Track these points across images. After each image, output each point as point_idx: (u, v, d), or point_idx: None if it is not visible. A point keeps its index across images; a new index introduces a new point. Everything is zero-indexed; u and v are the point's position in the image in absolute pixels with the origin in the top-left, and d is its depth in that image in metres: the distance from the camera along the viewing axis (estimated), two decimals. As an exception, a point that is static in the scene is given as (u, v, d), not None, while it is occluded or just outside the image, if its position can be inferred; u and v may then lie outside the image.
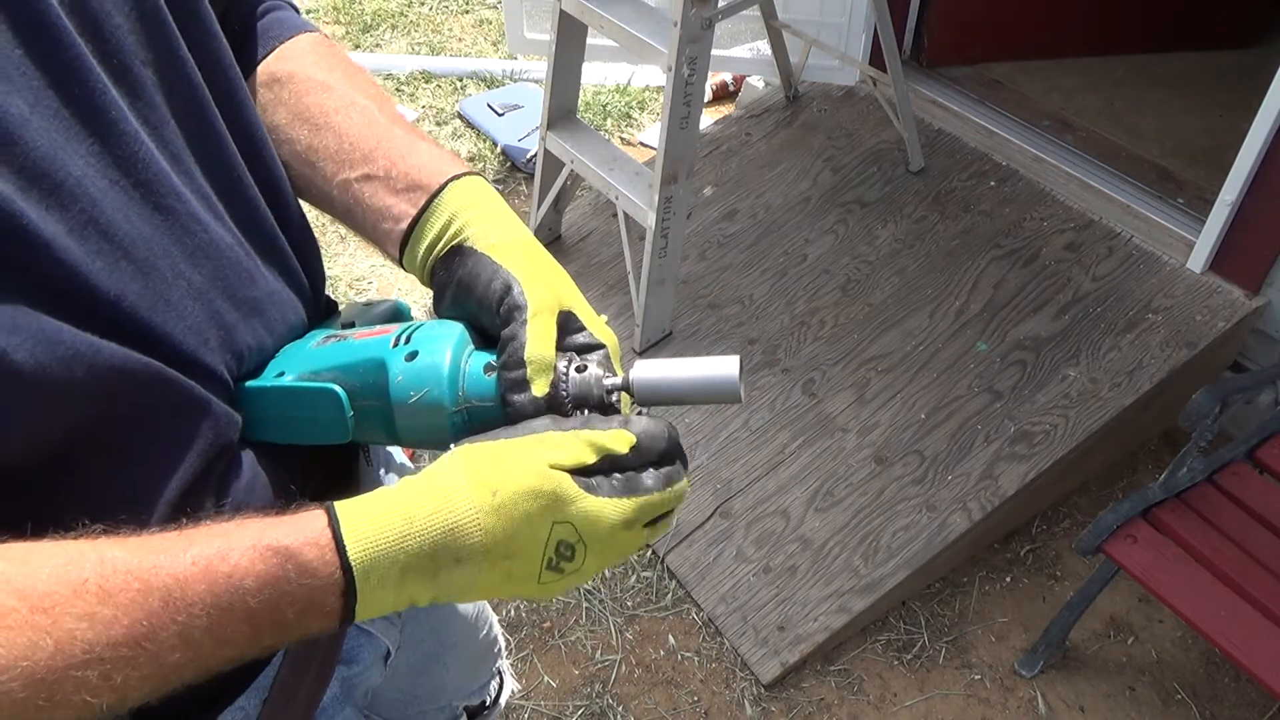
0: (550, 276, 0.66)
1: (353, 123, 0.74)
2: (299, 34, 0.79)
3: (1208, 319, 2.16)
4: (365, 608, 0.55)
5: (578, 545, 0.58)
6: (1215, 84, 2.93)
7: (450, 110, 3.55)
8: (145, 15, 0.59)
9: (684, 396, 0.63)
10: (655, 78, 3.65)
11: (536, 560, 0.57)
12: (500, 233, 0.67)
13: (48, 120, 0.52)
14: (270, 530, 0.54)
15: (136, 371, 0.56)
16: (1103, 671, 1.93)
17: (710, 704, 1.88)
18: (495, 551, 0.56)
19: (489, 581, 0.58)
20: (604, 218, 2.68)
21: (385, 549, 0.55)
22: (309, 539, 0.54)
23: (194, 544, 0.53)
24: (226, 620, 0.52)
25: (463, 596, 0.59)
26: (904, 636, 1.98)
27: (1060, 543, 2.15)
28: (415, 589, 0.56)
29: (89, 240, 0.53)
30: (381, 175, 0.71)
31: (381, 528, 0.55)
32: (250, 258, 0.66)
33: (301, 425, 0.65)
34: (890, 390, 2.18)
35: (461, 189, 0.70)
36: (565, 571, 0.58)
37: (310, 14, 4.13)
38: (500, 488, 0.56)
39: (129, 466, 0.58)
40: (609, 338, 0.67)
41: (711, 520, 2.05)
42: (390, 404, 0.62)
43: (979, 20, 2.85)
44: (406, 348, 0.63)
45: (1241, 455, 1.77)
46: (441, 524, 0.55)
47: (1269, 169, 2.03)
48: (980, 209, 2.51)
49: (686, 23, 1.92)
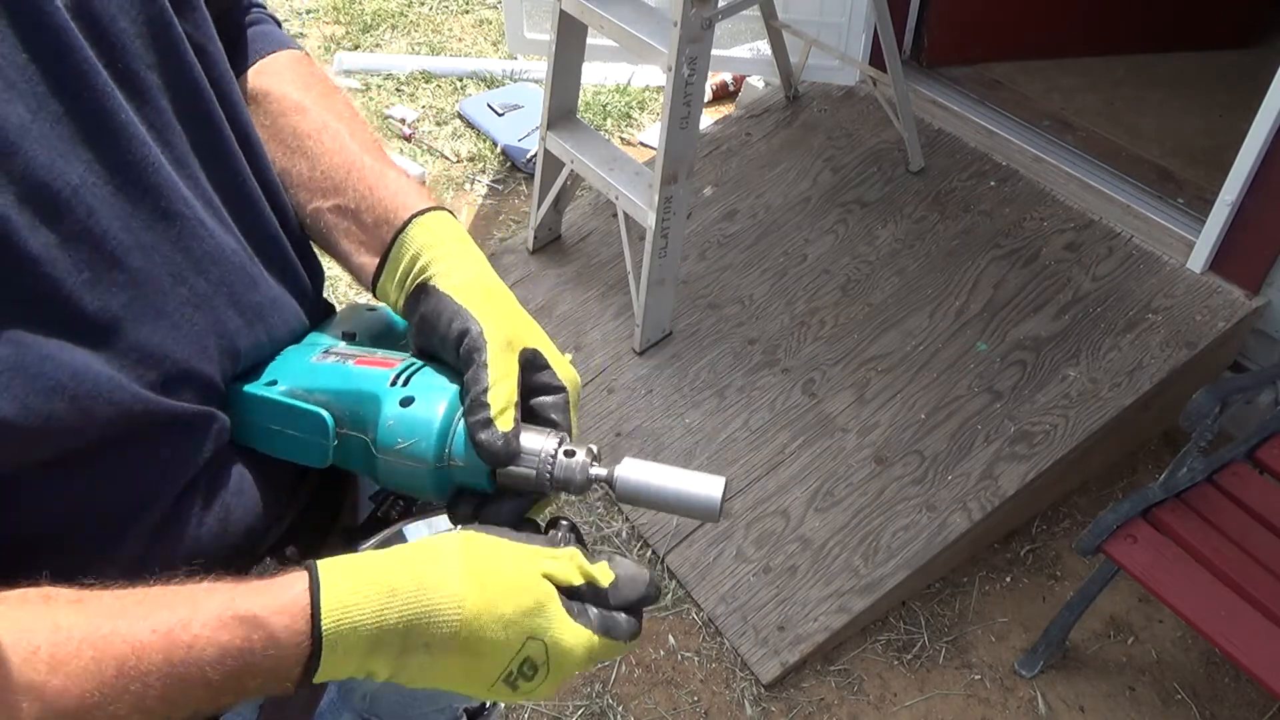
0: (510, 317, 0.65)
1: (325, 149, 0.74)
2: (280, 50, 0.79)
3: (1208, 319, 2.16)
4: (324, 675, 0.54)
5: (542, 668, 0.57)
6: (1215, 84, 2.93)
7: (450, 110, 3.55)
8: (151, 19, 0.59)
9: (661, 505, 0.63)
10: (655, 78, 3.65)
11: (499, 669, 0.56)
12: (462, 273, 0.67)
13: (49, 127, 0.52)
14: (242, 598, 0.52)
15: (123, 401, 0.55)
16: (1103, 671, 1.93)
17: (710, 704, 1.88)
18: (466, 647, 0.55)
19: (446, 674, 0.56)
20: (604, 218, 2.68)
21: (359, 621, 0.53)
22: (282, 606, 0.52)
23: (156, 610, 0.51)
24: (183, 689, 0.51)
25: (416, 681, 0.57)
26: (904, 636, 1.98)
27: (1060, 543, 2.15)
28: (377, 664, 0.55)
29: (80, 252, 0.52)
30: (352, 208, 0.72)
31: (361, 598, 0.53)
32: (253, 262, 0.66)
33: (283, 440, 0.65)
34: (890, 390, 2.18)
35: (426, 225, 0.69)
36: (519, 690, 0.57)
37: (310, 14, 4.12)
38: (490, 584, 0.55)
39: (114, 481, 0.57)
40: (570, 378, 0.67)
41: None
42: (376, 443, 0.62)
43: (979, 20, 2.85)
44: (404, 391, 0.62)
45: (1241, 455, 1.77)
46: (423, 605, 0.54)
47: (1269, 169, 2.03)
48: (980, 209, 2.51)
49: (686, 23, 1.92)
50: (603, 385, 2.30)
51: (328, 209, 0.72)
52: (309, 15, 4.12)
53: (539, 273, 2.59)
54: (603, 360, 2.34)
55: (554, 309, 2.49)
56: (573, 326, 2.44)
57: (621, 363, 2.34)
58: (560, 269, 2.58)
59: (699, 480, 0.62)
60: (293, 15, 4.11)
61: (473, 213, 3.13)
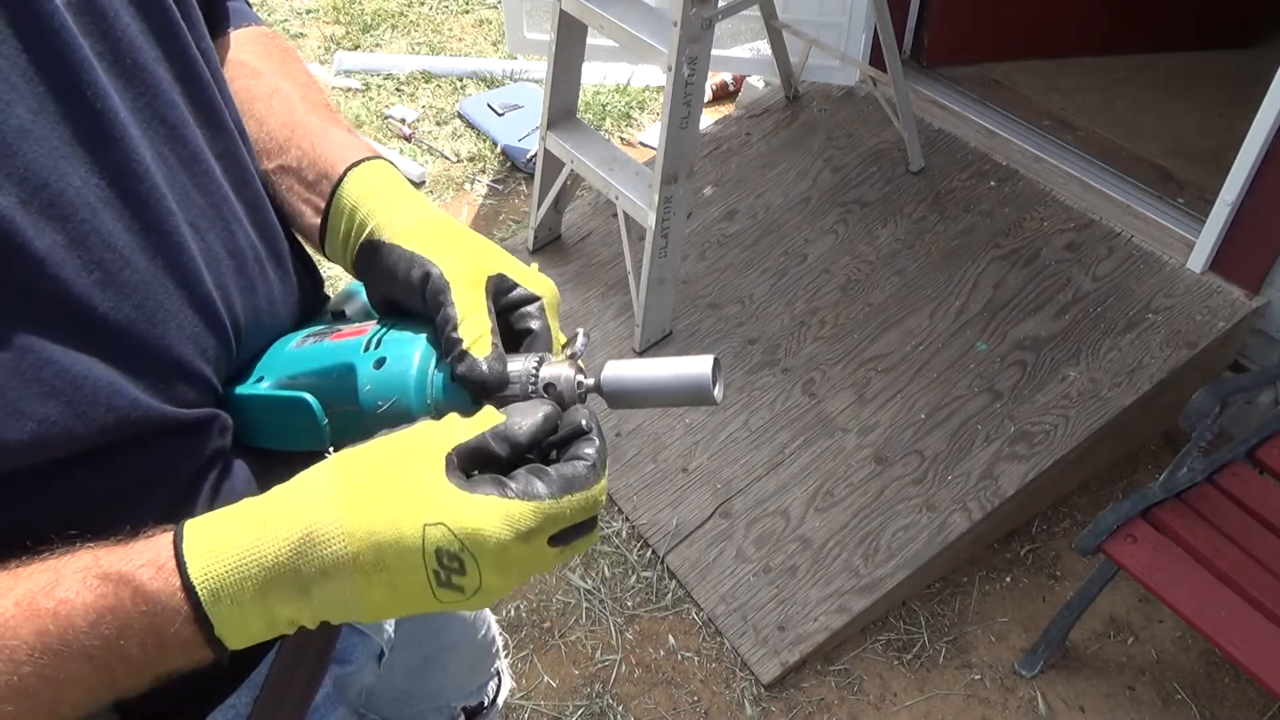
0: (465, 248, 0.63)
1: (273, 110, 0.73)
2: (247, 25, 0.79)
3: (1208, 319, 2.16)
4: (228, 632, 0.50)
5: (464, 556, 0.49)
6: (1215, 84, 2.93)
7: (450, 110, 3.55)
8: (150, 13, 0.58)
9: (656, 397, 0.60)
10: (655, 78, 3.65)
11: (419, 572, 0.50)
12: (405, 218, 0.65)
13: (50, 129, 0.51)
14: (105, 558, 0.49)
15: (121, 407, 0.54)
16: (1103, 671, 1.93)
17: (710, 704, 1.88)
18: (364, 561, 0.49)
19: (373, 599, 0.51)
20: (604, 218, 2.68)
21: (234, 563, 0.49)
22: (147, 560, 0.49)
23: (19, 582, 0.48)
24: (60, 663, 0.47)
25: (353, 615, 0.52)
26: (904, 636, 1.98)
27: (1060, 543, 2.15)
28: (286, 608, 0.50)
29: (87, 253, 0.52)
30: (294, 166, 0.70)
31: (228, 540, 0.50)
32: (259, 260, 0.65)
33: (281, 432, 0.64)
34: (890, 390, 2.18)
35: (360, 176, 0.68)
36: (464, 590, 0.50)
37: (310, 14, 4.12)
38: (367, 482, 0.51)
39: (113, 481, 0.57)
40: (545, 287, 0.65)
41: (711, 520, 2.05)
42: (361, 411, 0.61)
43: (979, 20, 2.85)
44: (376, 353, 0.61)
45: (1241, 455, 1.77)
46: (300, 530, 0.49)
47: (1269, 169, 2.03)
48: (980, 209, 2.51)
49: (686, 23, 1.92)
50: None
51: (272, 169, 0.71)
52: (309, 15, 4.12)
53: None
54: (603, 360, 2.34)
55: (554, 309, 2.49)
56: (573, 326, 2.41)
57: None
58: (560, 269, 2.58)
59: (686, 363, 0.58)
60: (293, 15, 4.11)
61: (473, 213, 3.13)
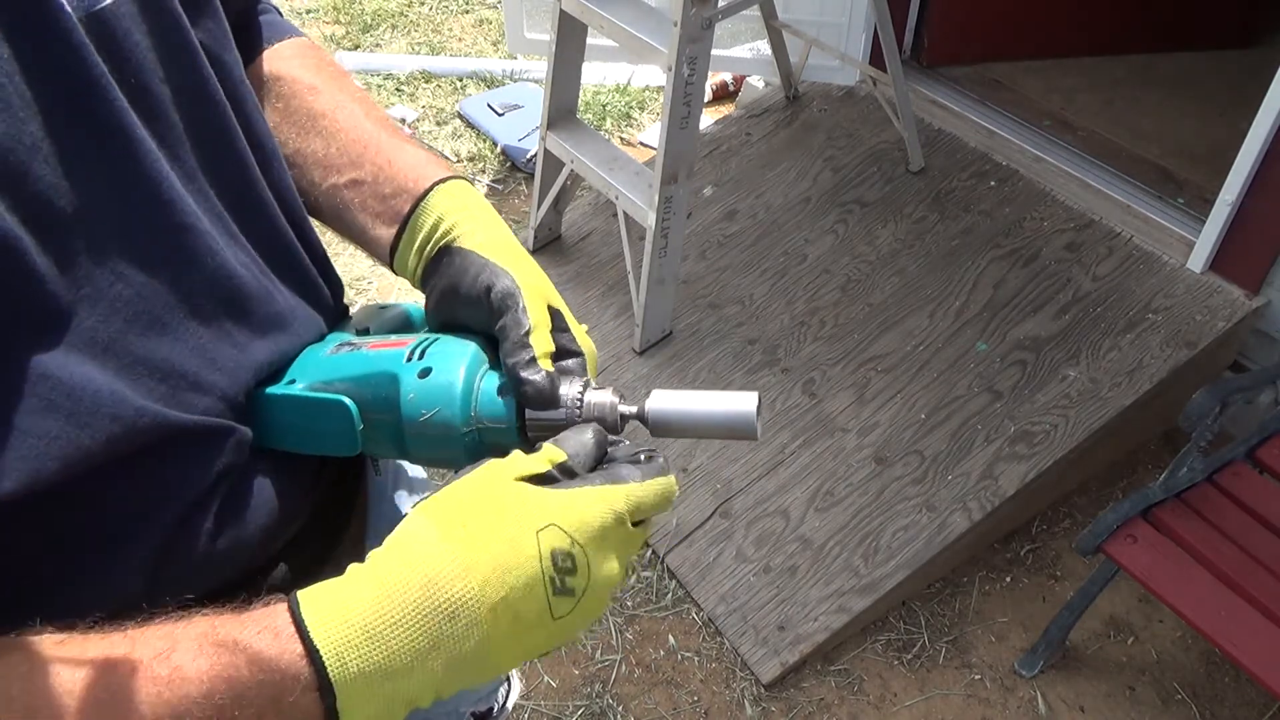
0: (538, 274, 0.65)
1: (340, 126, 0.74)
2: (287, 38, 0.79)
3: (1208, 319, 2.16)
4: (350, 704, 0.48)
5: (574, 550, 0.51)
6: (1215, 84, 2.93)
7: (450, 110, 3.55)
8: (165, 30, 0.57)
9: (698, 429, 0.61)
10: (655, 78, 3.65)
11: (538, 585, 0.51)
12: (485, 232, 0.67)
13: (61, 146, 0.51)
14: (222, 625, 0.49)
15: (126, 415, 0.53)
16: (1103, 671, 1.93)
17: (710, 704, 1.88)
18: (489, 590, 0.50)
19: (499, 635, 0.51)
20: (604, 218, 2.68)
21: (359, 623, 0.48)
22: (265, 626, 0.48)
23: (135, 647, 0.48)
24: None
25: (479, 668, 0.51)
26: (904, 636, 1.98)
27: (1060, 543, 2.15)
28: (416, 671, 0.49)
29: (84, 269, 0.52)
30: (369, 180, 0.71)
31: (348, 601, 0.49)
32: (266, 275, 0.65)
33: (311, 435, 0.64)
34: (890, 390, 2.18)
35: (448, 192, 0.69)
36: (576, 591, 0.52)
37: (310, 14, 4.12)
38: (468, 519, 0.51)
39: (125, 493, 0.56)
40: (588, 346, 0.66)
41: (711, 520, 2.05)
42: (401, 420, 0.61)
43: (979, 20, 2.85)
44: (420, 363, 0.61)
45: (1241, 455, 1.77)
46: (420, 578, 0.49)
47: (1269, 169, 2.03)
48: (980, 209, 2.51)
49: (686, 23, 1.92)
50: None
51: (344, 184, 0.72)
52: (309, 15, 4.12)
53: (539, 273, 2.59)
54: (603, 360, 2.34)
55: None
56: (573, 326, 2.44)
57: (622, 363, 2.34)
58: (560, 269, 2.58)
59: (732, 399, 0.59)
60: (293, 15, 4.11)
61: (473, 213, 3.13)
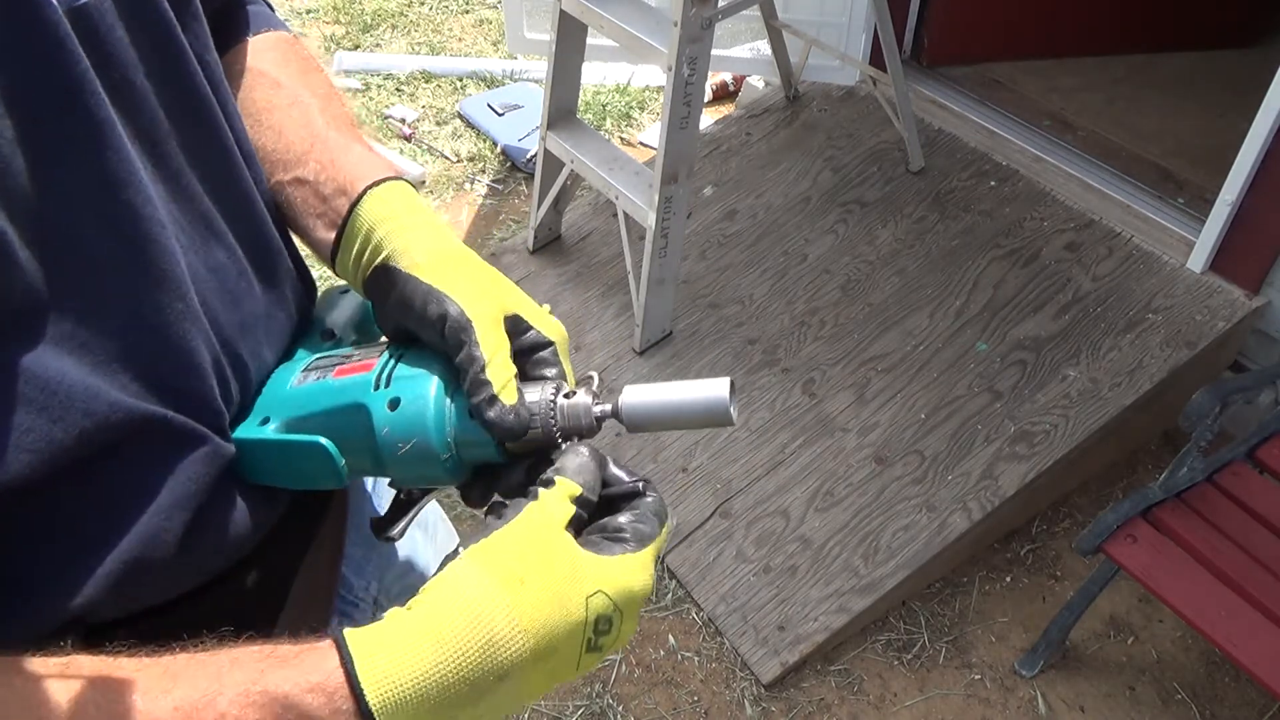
0: (485, 285, 0.63)
1: (292, 121, 0.72)
2: (267, 30, 0.78)
3: (1208, 319, 2.16)
4: None
5: (614, 615, 0.52)
6: (1215, 84, 2.93)
7: (450, 110, 3.55)
8: (148, 25, 0.57)
9: (674, 421, 0.60)
10: (655, 78, 3.65)
11: (578, 646, 0.52)
12: (422, 247, 0.64)
13: (43, 142, 0.50)
14: (270, 672, 0.48)
15: (100, 411, 0.53)
16: (1103, 671, 1.93)
17: (710, 704, 1.88)
18: (539, 651, 0.50)
19: (532, 687, 0.51)
20: (604, 218, 2.68)
21: (415, 686, 0.47)
22: (316, 684, 0.47)
23: (178, 684, 0.47)
24: None
25: (501, 712, 0.52)
26: (904, 636, 1.98)
27: (1060, 543, 2.15)
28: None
29: (61, 263, 0.51)
30: (311, 180, 0.70)
31: (407, 659, 0.48)
32: (246, 275, 0.65)
33: (296, 474, 0.63)
34: (890, 390, 2.18)
35: (380, 197, 0.67)
36: (604, 648, 0.53)
37: (310, 14, 4.12)
38: (527, 575, 0.50)
39: (107, 493, 0.55)
40: (556, 331, 0.65)
41: (711, 520, 2.05)
42: (379, 451, 0.60)
43: (979, 20, 2.85)
44: (388, 392, 0.60)
45: (1241, 455, 1.77)
46: (481, 639, 0.48)
47: (1269, 169, 2.03)
48: (980, 209, 2.51)
49: (686, 23, 1.92)
50: (603, 385, 2.30)
51: (288, 181, 0.71)
52: (309, 15, 4.12)
53: (539, 273, 2.59)
54: (603, 360, 2.34)
55: (554, 309, 2.43)
56: (573, 326, 2.44)
57: (622, 363, 2.34)
58: (560, 269, 2.58)
59: (704, 386, 0.59)
60: (293, 15, 4.11)
61: (473, 213, 3.13)
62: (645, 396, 0.60)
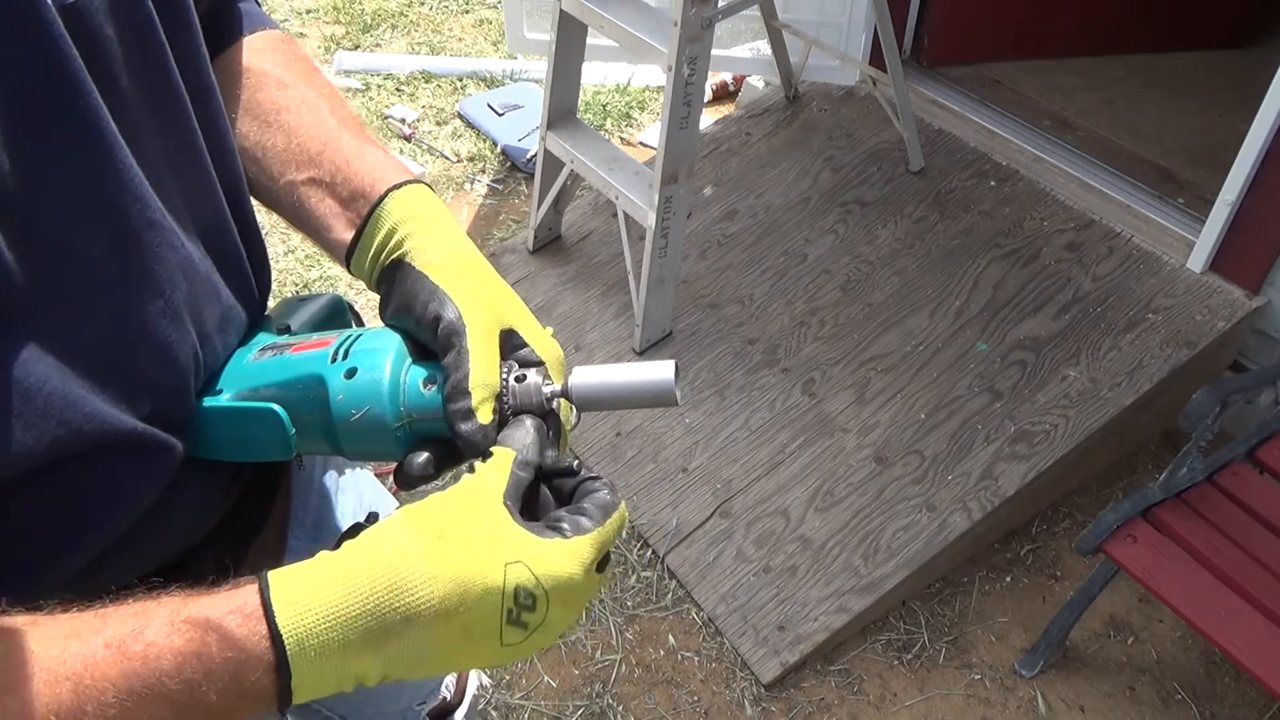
0: (489, 295, 0.64)
1: (303, 122, 0.73)
2: (262, 29, 0.79)
3: (1208, 319, 2.16)
4: (303, 684, 0.50)
5: (537, 592, 0.52)
6: (1215, 84, 2.93)
7: (450, 110, 3.55)
8: (133, 24, 0.57)
9: (621, 401, 0.63)
10: (655, 78, 3.65)
11: (495, 611, 0.52)
12: (439, 248, 0.66)
13: (35, 141, 0.50)
14: (192, 603, 0.50)
15: (74, 420, 0.53)
16: (1103, 671, 1.93)
17: (710, 704, 1.88)
18: (448, 603, 0.51)
19: (445, 642, 0.52)
20: (604, 218, 2.68)
21: (322, 613, 0.50)
22: (234, 608, 0.50)
23: (108, 625, 0.49)
24: (142, 705, 0.48)
25: (418, 666, 0.53)
26: (904, 636, 1.98)
27: (1060, 543, 2.15)
28: (362, 662, 0.51)
29: (55, 272, 0.51)
30: (327, 180, 0.71)
31: (316, 590, 0.50)
32: (213, 273, 0.65)
33: (243, 444, 0.64)
34: (890, 390, 2.18)
35: (403, 199, 0.68)
36: (529, 626, 0.53)
37: (310, 14, 4.12)
38: (445, 530, 0.53)
39: (69, 497, 0.56)
40: (551, 352, 0.66)
41: (711, 520, 2.05)
42: (333, 420, 0.61)
43: (979, 20, 2.85)
44: (345, 363, 0.62)
45: (1241, 455, 1.77)
46: (388, 578, 0.51)
47: (1269, 169, 2.03)
48: (980, 209, 2.51)
49: (686, 23, 1.92)
50: None
51: (302, 181, 0.72)
52: (309, 15, 4.12)
53: (539, 273, 2.59)
54: (603, 360, 2.35)
55: (554, 309, 2.49)
56: (573, 326, 2.44)
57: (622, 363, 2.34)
58: (560, 269, 2.58)
59: (650, 369, 0.62)
60: (293, 15, 4.11)
61: (473, 213, 3.13)
62: (594, 377, 0.63)
